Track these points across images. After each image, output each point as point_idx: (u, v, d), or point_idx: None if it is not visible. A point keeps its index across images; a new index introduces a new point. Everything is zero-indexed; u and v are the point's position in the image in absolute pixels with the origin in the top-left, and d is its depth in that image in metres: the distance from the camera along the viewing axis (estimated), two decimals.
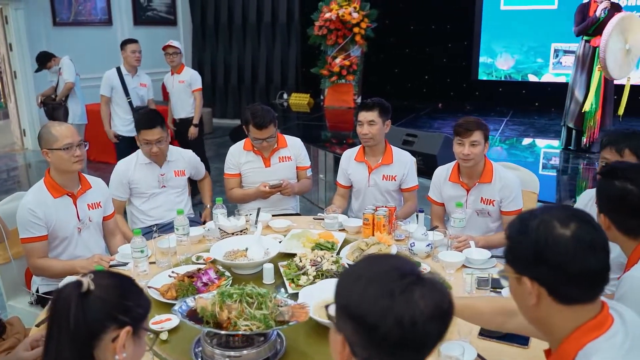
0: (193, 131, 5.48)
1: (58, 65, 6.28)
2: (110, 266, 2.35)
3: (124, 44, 5.26)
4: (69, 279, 2.23)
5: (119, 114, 5.27)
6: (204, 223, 3.10)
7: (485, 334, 1.81)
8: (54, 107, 6.22)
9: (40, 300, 2.59)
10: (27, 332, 2.08)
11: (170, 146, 3.27)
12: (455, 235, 2.54)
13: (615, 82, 5.43)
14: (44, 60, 6.37)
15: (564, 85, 6.91)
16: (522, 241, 1.13)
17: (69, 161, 2.45)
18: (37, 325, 1.91)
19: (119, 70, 5.23)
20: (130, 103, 5.22)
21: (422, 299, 0.94)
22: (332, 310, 1.02)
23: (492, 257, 2.41)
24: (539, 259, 1.10)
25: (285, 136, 3.41)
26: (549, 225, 1.10)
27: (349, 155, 3.29)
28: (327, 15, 7.92)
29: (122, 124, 5.25)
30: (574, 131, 5.65)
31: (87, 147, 2.55)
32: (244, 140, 3.37)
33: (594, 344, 1.10)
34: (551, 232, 1.10)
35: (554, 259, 1.09)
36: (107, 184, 2.90)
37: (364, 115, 3.09)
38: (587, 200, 2.54)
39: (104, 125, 5.28)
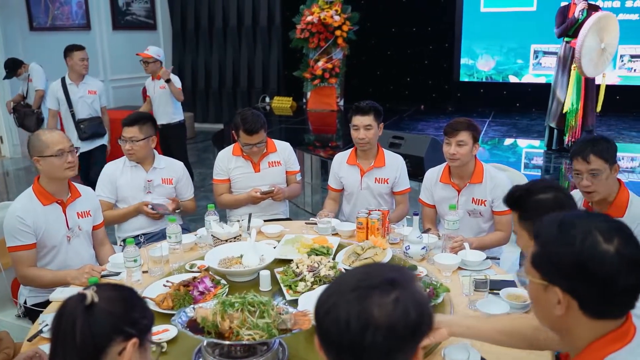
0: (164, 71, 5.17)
1: (27, 72, 6.17)
2: (102, 276, 2.30)
3: (70, 50, 4.89)
4: (60, 289, 2.21)
5: (67, 128, 4.90)
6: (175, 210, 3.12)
7: None
8: (25, 114, 6.10)
9: (28, 313, 2.52)
10: (18, 347, 2.01)
11: (160, 155, 3.24)
12: (450, 236, 2.54)
13: (596, 82, 5.52)
14: (14, 67, 6.25)
15: (544, 86, 7.03)
16: (562, 251, 1.08)
17: (61, 168, 2.41)
18: (30, 340, 1.85)
19: (63, 80, 4.90)
20: (72, 115, 4.89)
21: (377, 306, 0.90)
22: None
23: (486, 258, 2.42)
24: (580, 273, 1.06)
25: (275, 141, 3.38)
26: (593, 239, 1.06)
27: (340, 159, 3.28)
28: (309, 18, 7.91)
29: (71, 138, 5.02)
30: (556, 131, 5.72)
31: (78, 153, 2.52)
32: (232, 145, 3.34)
33: (617, 354, 1.09)
34: (596, 247, 1.05)
35: (597, 276, 1.05)
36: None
37: (360, 120, 3.06)
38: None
39: None
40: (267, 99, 9.27)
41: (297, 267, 2.23)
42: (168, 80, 5.12)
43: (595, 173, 2.29)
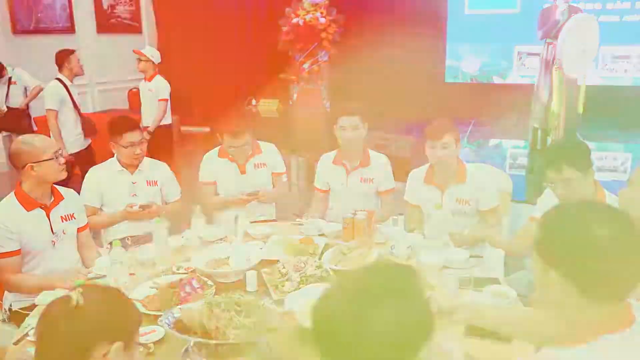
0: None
1: (7, 74, 6.15)
2: (88, 279, 2.29)
3: (68, 53, 4.98)
4: (46, 293, 2.20)
5: (68, 127, 4.91)
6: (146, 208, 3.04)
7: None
8: (19, 116, 6.04)
9: (13, 317, 2.50)
10: (3, 351, 2.01)
11: (144, 157, 3.21)
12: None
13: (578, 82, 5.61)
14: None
15: (528, 87, 7.10)
16: (557, 235, 1.12)
17: (58, 170, 2.42)
18: (16, 344, 1.85)
19: (61, 81, 4.92)
20: (79, 114, 4.98)
21: (378, 313, 0.90)
22: None
23: (470, 257, 2.45)
24: (574, 257, 1.10)
25: (261, 143, 3.40)
26: (587, 224, 1.09)
27: (326, 159, 3.29)
28: (295, 20, 7.93)
29: (74, 138, 4.97)
30: (540, 131, 5.79)
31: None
32: (218, 147, 3.35)
33: (610, 337, 1.11)
34: (589, 232, 1.09)
35: (590, 260, 1.08)
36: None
37: (348, 121, 3.07)
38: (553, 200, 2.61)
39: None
40: (254, 101, 9.26)
41: (284, 268, 2.24)
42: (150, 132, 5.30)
43: (569, 183, 2.29)
